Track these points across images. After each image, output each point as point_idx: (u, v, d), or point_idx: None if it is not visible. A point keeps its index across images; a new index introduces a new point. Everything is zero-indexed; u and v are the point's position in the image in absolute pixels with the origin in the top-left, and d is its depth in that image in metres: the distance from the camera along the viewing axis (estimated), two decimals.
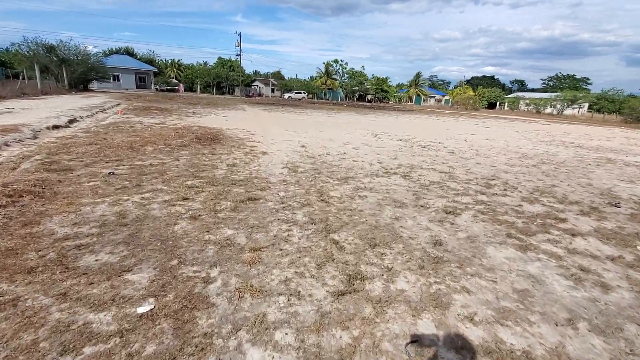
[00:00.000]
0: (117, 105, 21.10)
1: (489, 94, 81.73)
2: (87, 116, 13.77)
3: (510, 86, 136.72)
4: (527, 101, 73.02)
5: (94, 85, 53.19)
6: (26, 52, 33.46)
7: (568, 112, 61.95)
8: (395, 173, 7.08)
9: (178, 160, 6.82)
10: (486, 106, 73.09)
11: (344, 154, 8.83)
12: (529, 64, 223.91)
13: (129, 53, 68.22)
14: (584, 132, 22.29)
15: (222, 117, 16.84)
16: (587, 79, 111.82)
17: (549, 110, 65.22)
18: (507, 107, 79.02)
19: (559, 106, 63.31)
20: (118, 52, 67.10)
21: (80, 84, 37.55)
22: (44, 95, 24.09)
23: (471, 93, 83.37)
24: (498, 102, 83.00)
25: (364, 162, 7.99)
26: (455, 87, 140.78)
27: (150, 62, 71.51)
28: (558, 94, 68.47)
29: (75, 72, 34.93)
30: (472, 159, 9.46)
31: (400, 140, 12.31)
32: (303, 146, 9.55)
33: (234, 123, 14.28)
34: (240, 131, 11.71)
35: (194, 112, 17.91)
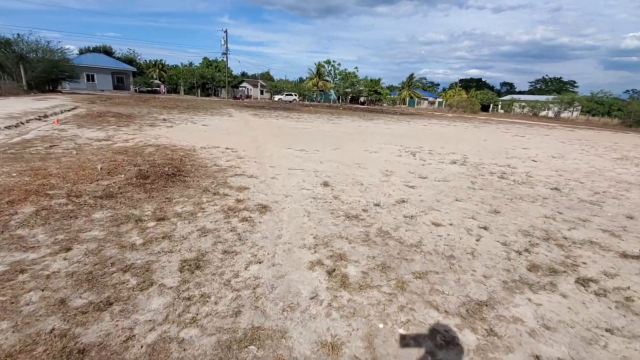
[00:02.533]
0: (73, 109, 16.91)
1: (481, 96, 79.34)
2: (9, 127, 9.66)
3: (499, 89, 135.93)
4: (523, 104, 70.81)
5: (66, 85, 48.15)
6: None
7: (563, 115, 60.17)
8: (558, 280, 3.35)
9: (66, 250, 2.94)
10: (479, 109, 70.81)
11: (403, 202, 5.04)
12: (512, 66, 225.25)
13: (107, 52, 62.99)
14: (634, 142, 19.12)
15: (201, 126, 12.88)
16: (574, 81, 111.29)
17: (543, 112, 63.19)
18: (501, 109, 76.90)
19: (556, 109, 61.32)
20: (95, 50, 61.82)
21: (43, 83, 32.74)
22: None
23: (464, 95, 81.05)
24: (491, 105, 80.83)
25: (460, 234, 4.19)
26: (445, 89, 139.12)
27: (130, 61, 66.42)
28: (555, 96, 66.51)
29: (35, 71, 30.15)
30: (602, 204, 5.83)
31: (455, 163, 8.61)
32: (325, 184, 5.74)
33: (214, 137, 10.36)
34: (222, 152, 7.82)
35: (164, 120, 13.86)
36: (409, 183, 6.20)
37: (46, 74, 31.56)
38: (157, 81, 68.35)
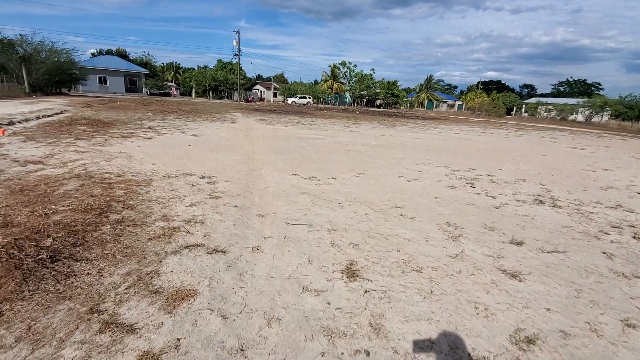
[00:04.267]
0: (57, 113, 14.75)
1: (503, 98, 75.03)
2: None
3: (519, 91, 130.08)
4: (550, 107, 66.17)
5: (79, 88, 46.95)
6: None
7: (594, 119, 55.72)
8: None
9: None
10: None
11: (529, 342, 2.22)
12: (531, 69, 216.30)
13: (120, 54, 61.94)
14: None
15: (190, 136, 10.33)
16: (599, 83, 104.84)
17: (571, 116, 58.79)
18: (525, 112, 72.50)
19: (587, 112, 56.83)
20: (108, 52, 60.82)
21: (47, 86, 31.13)
22: None
23: (485, 98, 77.02)
24: (515, 108, 76.50)
25: None
26: (463, 91, 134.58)
27: (145, 64, 65.34)
28: (584, 99, 61.89)
29: (37, 72, 28.47)
30: None
31: (542, 202, 5.66)
32: (349, 270, 2.95)
33: (196, 155, 7.74)
34: (192, 186, 5.16)
35: (149, 128, 11.37)
36: (499, 260, 3.37)
37: (49, 75, 29.90)
38: (170, 84, 67.11)
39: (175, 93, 58.19)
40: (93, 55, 62.86)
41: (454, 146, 12.41)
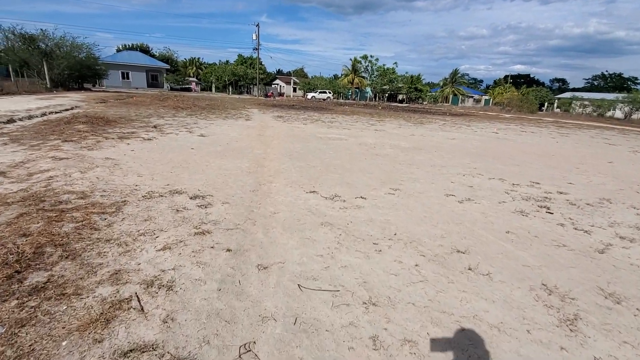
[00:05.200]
0: (67, 110, 13.99)
1: (533, 93, 70.77)
2: None
3: (550, 85, 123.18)
4: (586, 102, 61.61)
5: (104, 83, 47.23)
6: None
7: (634, 116, 51.30)
8: None
9: None
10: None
11: None
12: (561, 62, 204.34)
13: (143, 50, 62.15)
14: None
15: (196, 137, 9.12)
16: (635, 78, 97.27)
17: (609, 113, 54.55)
18: (557, 108, 68.16)
19: (626, 109, 52.50)
20: (131, 48, 61.12)
21: (69, 81, 30.97)
22: None
23: (514, 93, 73.10)
24: (546, 104, 72.23)
25: None
26: (489, 86, 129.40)
27: (167, 60, 65.46)
28: (625, 94, 57.30)
29: (58, 67, 28.24)
30: None
31: None
32: None
33: (197, 162, 6.47)
34: (176, 212, 3.86)
35: (154, 127, 10.26)
36: None
37: (70, 71, 29.66)
38: (192, 79, 66.95)
39: (195, 88, 57.90)
40: (118, 50, 63.41)
41: (497, 149, 10.66)
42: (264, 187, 5.02)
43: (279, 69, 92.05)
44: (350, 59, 61.85)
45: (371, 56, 59.39)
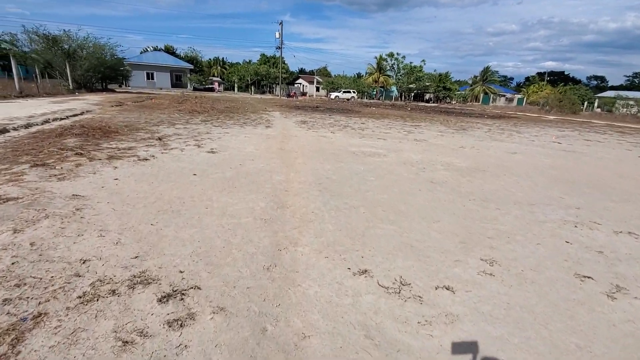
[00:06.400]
0: (79, 114, 12.88)
1: (572, 92, 65.66)
2: None
3: (586, 83, 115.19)
4: (630, 102, 56.19)
5: (129, 84, 47.15)
6: (10, 44, 26.69)
7: None
8: None
9: None
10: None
11: None
12: (596, 58, 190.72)
13: (168, 51, 62.09)
14: None
15: (205, 153, 7.43)
16: None
17: None
18: (597, 108, 62.95)
19: None
20: (155, 49, 61.17)
21: (93, 82, 30.46)
22: (5, 99, 16.41)
23: (549, 91, 68.26)
24: (586, 103, 66.94)
25: None
26: (520, 84, 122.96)
27: (191, 60, 65.25)
28: None
29: (81, 68, 27.65)
30: None
31: None
32: None
33: (195, 199, 4.71)
34: (116, 356, 2.04)
35: (160, 139, 8.69)
36: None
37: (92, 72, 29.09)
38: (215, 78, 66.45)
39: (218, 88, 57.18)
40: (143, 51, 63.73)
41: (579, 170, 8.36)
42: (285, 258, 3.17)
43: (301, 68, 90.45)
44: (375, 57, 59.28)
45: (397, 54, 56.62)
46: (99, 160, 6.17)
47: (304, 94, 60.18)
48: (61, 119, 11.92)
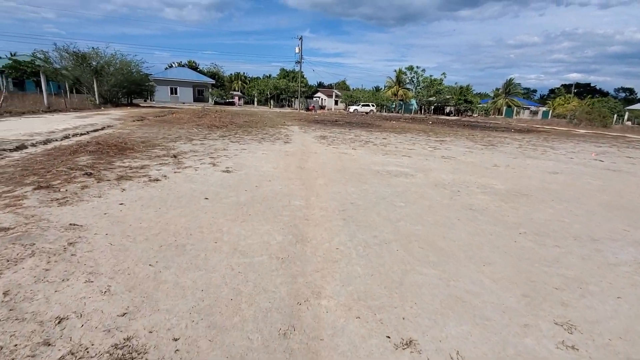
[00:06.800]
0: (100, 129, 12.89)
1: (600, 104, 62.82)
2: None
3: (614, 95, 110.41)
4: None
5: (154, 98, 48.51)
6: (43, 61, 27.79)
7: None
8: None
9: None
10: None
11: None
12: (622, 69, 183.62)
13: (191, 66, 63.88)
14: None
15: (220, 172, 6.96)
16: None
17: None
18: (627, 121, 59.91)
19: None
20: (180, 65, 63.06)
21: (118, 97, 31.27)
22: (34, 114, 16.81)
23: (576, 103, 65.68)
24: (615, 116, 63.83)
25: None
26: (543, 96, 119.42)
27: (213, 75, 66.85)
28: None
29: (107, 84, 28.45)
30: None
31: None
32: None
33: (204, 229, 4.16)
34: None
35: (175, 156, 8.33)
36: None
37: (118, 87, 29.88)
38: (236, 93, 67.66)
39: (238, 102, 58.02)
40: (168, 67, 65.79)
41: (632, 194, 7.37)
42: (306, 318, 2.53)
43: (319, 82, 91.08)
44: (395, 70, 58.83)
45: (417, 67, 55.94)
46: (108, 181, 5.78)
47: (322, 107, 60.21)
48: (81, 134, 11.89)
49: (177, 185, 5.83)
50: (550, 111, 64.90)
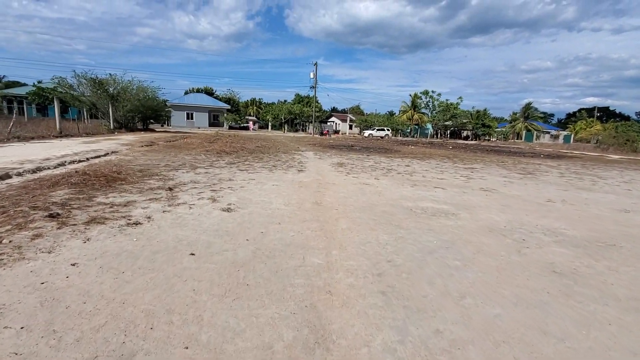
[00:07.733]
0: (101, 156, 12.02)
1: (623, 127, 59.92)
2: None
3: (636, 119, 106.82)
4: None
5: (171, 123, 48.85)
6: (64, 87, 27.96)
7: None
8: None
9: None
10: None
11: None
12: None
13: (208, 92, 64.93)
14: None
15: (220, 211, 5.61)
16: None
17: None
18: None
19: None
20: (197, 91, 64.19)
21: (133, 122, 31.14)
22: (43, 139, 16.23)
23: (599, 127, 63.12)
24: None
25: None
26: (561, 120, 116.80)
27: (229, 100, 67.72)
28: None
29: (123, 109, 28.34)
30: None
31: None
32: None
33: (179, 311, 2.72)
34: None
35: (170, 189, 7.08)
36: None
37: (133, 112, 29.76)
38: (251, 117, 68.11)
39: (253, 127, 58.01)
40: (188, 92, 67.06)
41: None
42: None
43: (333, 107, 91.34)
44: (410, 95, 58.09)
45: (432, 91, 55.06)
46: (73, 225, 4.49)
47: (336, 131, 59.54)
48: (79, 161, 10.93)
49: (159, 232, 4.49)
50: (572, 135, 62.44)
